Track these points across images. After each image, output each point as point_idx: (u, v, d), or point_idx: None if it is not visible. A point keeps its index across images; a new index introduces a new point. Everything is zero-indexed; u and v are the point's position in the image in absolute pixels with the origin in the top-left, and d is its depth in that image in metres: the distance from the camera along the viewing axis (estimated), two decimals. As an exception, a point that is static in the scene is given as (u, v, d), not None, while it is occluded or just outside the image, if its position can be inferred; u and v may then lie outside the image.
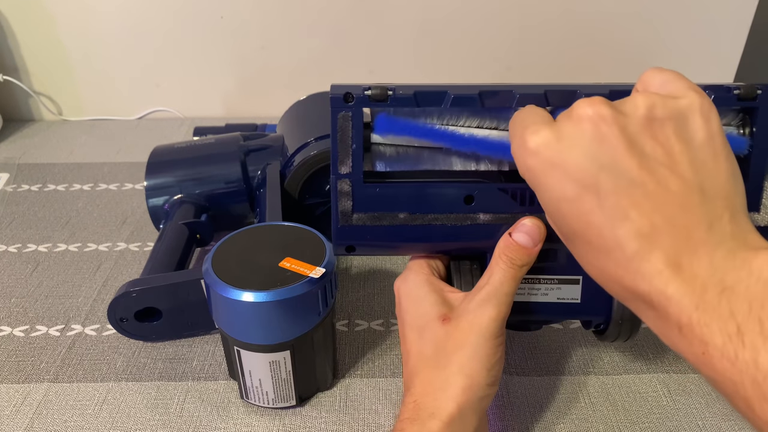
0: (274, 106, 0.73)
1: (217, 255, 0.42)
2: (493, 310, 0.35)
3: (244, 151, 0.59)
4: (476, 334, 0.34)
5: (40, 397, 0.45)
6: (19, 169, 0.75)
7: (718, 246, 0.26)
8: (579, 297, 0.38)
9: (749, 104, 0.34)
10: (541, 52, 0.85)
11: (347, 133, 0.35)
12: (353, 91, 0.34)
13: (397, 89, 0.34)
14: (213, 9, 0.81)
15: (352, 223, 0.36)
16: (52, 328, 0.51)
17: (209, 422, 0.43)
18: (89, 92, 0.87)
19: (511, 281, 0.35)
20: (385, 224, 0.36)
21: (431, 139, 0.35)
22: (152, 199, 0.57)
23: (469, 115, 0.35)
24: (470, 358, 0.34)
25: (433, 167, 0.36)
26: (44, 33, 0.83)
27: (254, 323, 0.39)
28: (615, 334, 0.39)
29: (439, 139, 0.35)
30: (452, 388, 0.34)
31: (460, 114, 0.35)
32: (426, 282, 0.38)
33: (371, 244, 0.37)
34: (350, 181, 0.36)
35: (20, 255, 0.60)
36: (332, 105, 0.35)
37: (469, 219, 0.36)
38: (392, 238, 0.37)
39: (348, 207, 0.36)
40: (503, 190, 0.36)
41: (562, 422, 0.43)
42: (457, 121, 0.35)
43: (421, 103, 0.34)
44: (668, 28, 0.83)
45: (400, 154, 0.36)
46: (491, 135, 0.35)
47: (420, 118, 0.36)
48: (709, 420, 0.43)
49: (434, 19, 0.82)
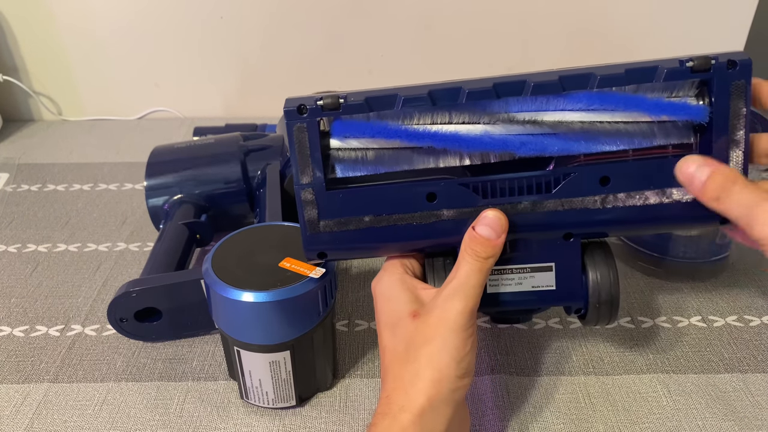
0: (274, 106, 0.73)
1: (217, 255, 0.42)
2: (460, 303, 0.35)
3: (244, 151, 0.59)
4: (444, 327, 0.35)
5: (40, 398, 0.45)
6: (19, 169, 0.75)
7: None
8: (554, 284, 0.39)
9: (704, 76, 0.35)
10: (541, 53, 0.85)
11: (304, 143, 0.36)
12: (306, 102, 0.35)
13: (348, 96, 0.35)
14: (213, 9, 0.81)
15: (319, 231, 0.37)
16: (52, 329, 0.51)
17: (209, 422, 0.43)
18: (89, 92, 0.87)
19: (477, 274, 0.36)
20: (351, 229, 0.37)
21: (389, 138, 0.36)
22: (152, 199, 0.57)
23: (422, 112, 0.36)
24: (439, 351, 0.35)
25: (395, 168, 0.37)
26: (44, 33, 0.83)
27: (254, 323, 0.39)
28: (595, 318, 0.40)
29: (395, 136, 0.36)
30: (422, 381, 0.34)
31: (415, 113, 0.36)
32: (399, 281, 0.38)
33: (342, 249, 0.38)
34: (313, 190, 0.36)
35: (20, 255, 0.60)
36: (287, 118, 0.35)
37: (434, 216, 0.37)
38: (361, 241, 0.37)
39: (314, 215, 0.37)
40: (464, 185, 0.36)
41: (562, 422, 0.43)
42: (413, 120, 0.36)
43: (373, 107, 0.35)
44: (668, 28, 0.83)
45: (360, 158, 0.37)
46: (445, 128, 0.36)
47: (379, 120, 0.36)
48: (709, 420, 0.43)
49: (434, 19, 0.82)
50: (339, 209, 0.37)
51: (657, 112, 0.35)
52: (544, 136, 0.36)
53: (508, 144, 0.35)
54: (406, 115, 0.36)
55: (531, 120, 0.36)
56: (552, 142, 0.36)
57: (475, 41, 0.84)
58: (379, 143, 0.36)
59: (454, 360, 0.35)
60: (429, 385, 0.34)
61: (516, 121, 0.36)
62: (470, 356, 0.36)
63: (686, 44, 0.84)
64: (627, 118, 0.36)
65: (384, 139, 0.36)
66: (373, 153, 0.36)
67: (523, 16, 0.82)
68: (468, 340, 0.35)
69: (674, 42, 0.84)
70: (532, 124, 0.36)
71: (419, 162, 0.37)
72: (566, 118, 0.35)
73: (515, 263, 0.38)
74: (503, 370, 0.47)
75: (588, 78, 0.35)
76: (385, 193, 0.37)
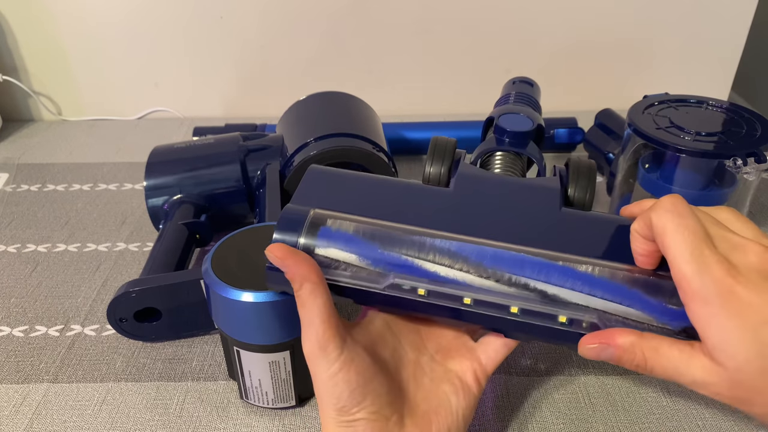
0: (274, 106, 0.73)
1: (216, 255, 0.42)
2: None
3: (244, 152, 0.59)
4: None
5: (40, 398, 0.45)
6: (19, 169, 0.75)
7: None
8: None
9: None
10: (541, 53, 0.85)
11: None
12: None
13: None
14: (213, 9, 0.81)
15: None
16: (52, 329, 0.51)
17: (209, 422, 0.43)
18: (89, 92, 0.87)
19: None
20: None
21: (372, 261, 0.35)
22: (152, 199, 0.57)
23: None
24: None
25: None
26: (44, 33, 0.83)
27: (254, 323, 0.39)
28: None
29: (380, 263, 0.35)
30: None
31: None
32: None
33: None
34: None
35: (19, 255, 0.60)
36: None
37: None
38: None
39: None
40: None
41: (561, 422, 0.43)
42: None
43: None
44: (668, 28, 0.83)
45: (337, 267, 0.36)
46: (439, 269, 0.35)
47: (368, 239, 0.36)
48: (709, 420, 0.43)
49: (434, 19, 0.82)
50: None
51: (658, 316, 0.33)
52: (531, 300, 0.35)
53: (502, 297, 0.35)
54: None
55: (523, 284, 0.34)
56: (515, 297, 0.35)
57: (475, 42, 0.84)
58: (359, 262, 0.36)
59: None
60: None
61: (509, 282, 0.34)
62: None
63: (686, 44, 0.84)
64: (621, 312, 0.34)
65: (365, 259, 0.36)
66: (351, 268, 0.36)
67: (523, 17, 0.82)
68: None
69: (674, 42, 0.84)
70: (523, 288, 0.34)
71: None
72: (560, 293, 0.34)
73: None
74: (503, 370, 0.47)
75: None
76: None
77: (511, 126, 0.49)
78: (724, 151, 0.49)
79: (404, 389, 0.37)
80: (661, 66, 0.86)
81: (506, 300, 0.35)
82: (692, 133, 0.51)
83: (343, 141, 0.57)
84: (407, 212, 0.38)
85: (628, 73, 0.87)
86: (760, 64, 0.96)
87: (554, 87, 0.88)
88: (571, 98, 0.86)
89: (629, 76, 0.87)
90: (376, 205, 0.38)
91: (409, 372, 0.38)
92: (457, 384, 0.38)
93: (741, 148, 0.49)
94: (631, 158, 0.56)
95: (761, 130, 0.52)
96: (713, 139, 0.51)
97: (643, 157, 0.56)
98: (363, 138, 0.58)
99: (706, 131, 0.51)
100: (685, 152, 0.50)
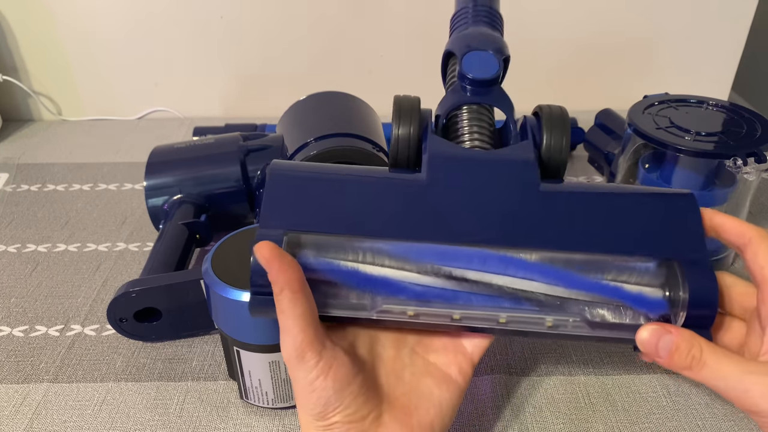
0: (274, 106, 0.73)
1: (216, 255, 0.42)
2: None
3: (244, 151, 0.59)
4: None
5: (40, 398, 0.45)
6: (19, 169, 0.75)
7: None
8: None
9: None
10: (541, 54, 0.85)
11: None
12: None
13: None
14: (213, 9, 0.81)
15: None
16: (52, 329, 0.51)
17: (209, 423, 0.43)
18: (89, 92, 0.87)
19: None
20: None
21: (329, 275, 0.35)
22: (152, 199, 0.57)
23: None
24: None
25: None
26: (44, 33, 0.82)
27: (254, 323, 0.39)
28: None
29: (345, 279, 0.35)
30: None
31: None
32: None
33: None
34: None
35: (19, 255, 0.60)
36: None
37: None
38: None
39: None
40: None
41: (561, 422, 0.43)
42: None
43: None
44: (668, 28, 0.83)
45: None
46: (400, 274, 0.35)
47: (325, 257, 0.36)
48: (709, 420, 0.43)
49: (434, 19, 0.82)
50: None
51: (616, 297, 0.35)
52: (491, 297, 0.35)
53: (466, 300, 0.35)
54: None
55: (481, 280, 0.35)
56: (501, 303, 0.35)
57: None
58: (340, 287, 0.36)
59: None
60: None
61: (499, 291, 0.35)
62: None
63: (686, 45, 0.84)
64: (585, 297, 0.35)
65: (346, 285, 0.36)
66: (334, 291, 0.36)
67: (522, 18, 0.82)
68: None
69: (674, 42, 0.84)
70: (483, 285, 0.35)
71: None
72: (518, 285, 0.35)
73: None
74: (503, 370, 0.47)
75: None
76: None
77: (477, 72, 0.43)
78: (724, 151, 0.49)
79: (382, 385, 0.36)
80: (661, 66, 0.86)
81: (495, 311, 0.35)
82: (692, 133, 0.51)
83: (343, 141, 0.57)
84: (379, 213, 0.36)
85: (628, 73, 0.87)
86: (760, 64, 0.96)
87: (554, 87, 0.88)
88: (570, 98, 0.86)
89: (629, 76, 0.87)
90: (347, 212, 0.37)
91: (388, 367, 0.37)
92: (439, 376, 0.37)
93: (741, 148, 0.49)
94: (631, 158, 0.56)
95: (761, 130, 0.52)
96: (713, 139, 0.51)
97: (643, 157, 0.56)
98: (363, 138, 0.58)
99: (706, 131, 0.51)
100: (685, 152, 0.50)
